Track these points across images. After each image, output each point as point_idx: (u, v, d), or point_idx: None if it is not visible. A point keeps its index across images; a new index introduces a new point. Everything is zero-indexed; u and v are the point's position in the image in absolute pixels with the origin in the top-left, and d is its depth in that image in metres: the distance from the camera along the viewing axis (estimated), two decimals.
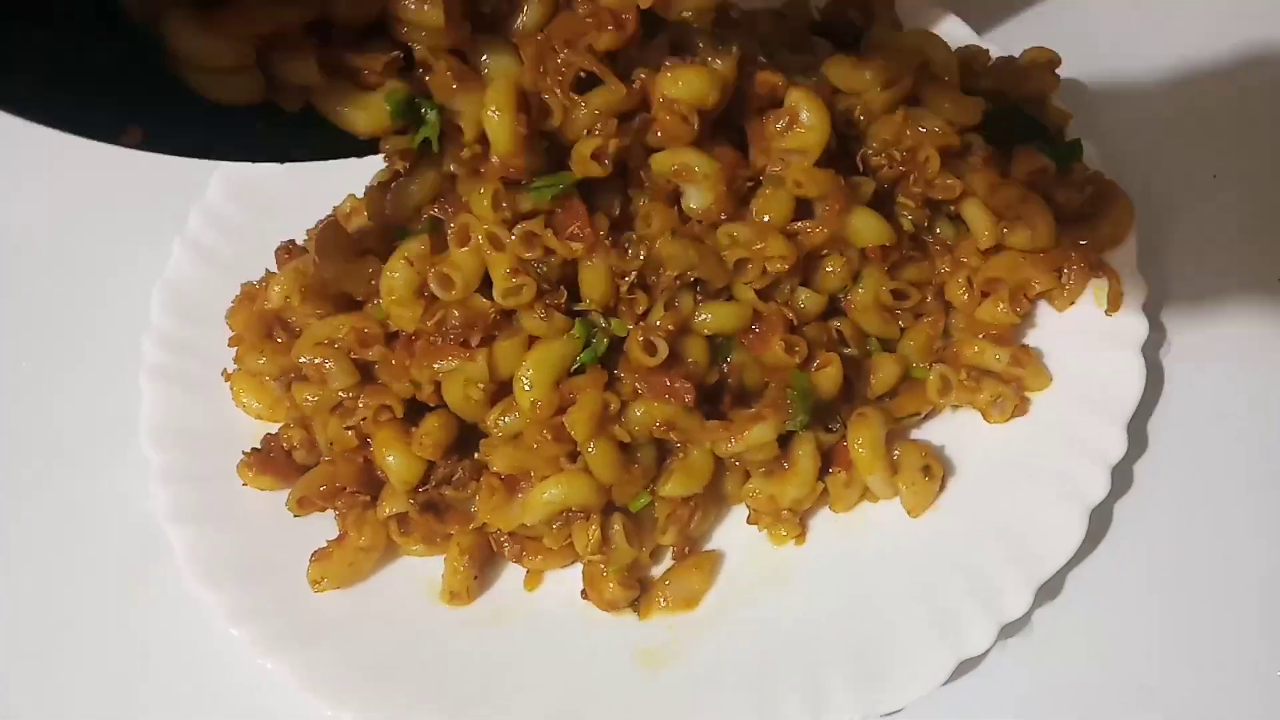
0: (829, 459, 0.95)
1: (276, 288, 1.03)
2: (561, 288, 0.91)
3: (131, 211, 1.30)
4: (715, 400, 0.94)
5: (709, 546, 0.98)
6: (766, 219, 0.91)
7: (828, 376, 0.92)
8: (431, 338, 0.92)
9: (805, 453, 0.93)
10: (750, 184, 0.92)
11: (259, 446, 1.03)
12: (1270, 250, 1.04)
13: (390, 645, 0.94)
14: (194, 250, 1.18)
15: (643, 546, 0.94)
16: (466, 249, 0.89)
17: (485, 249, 0.88)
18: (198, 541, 0.99)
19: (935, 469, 0.92)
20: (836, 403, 0.95)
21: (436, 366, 0.92)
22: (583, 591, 0.94)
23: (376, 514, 0.98)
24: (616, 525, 0.93)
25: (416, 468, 0.96)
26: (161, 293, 1.14)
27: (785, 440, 0.93)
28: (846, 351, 0.95)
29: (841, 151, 0.94)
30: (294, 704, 0.91)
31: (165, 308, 1.13)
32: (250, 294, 1.11)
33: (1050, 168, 0.96)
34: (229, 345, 1.08)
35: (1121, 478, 0.90)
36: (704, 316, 0.92)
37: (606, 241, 0.89)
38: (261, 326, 1.08)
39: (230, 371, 1.08)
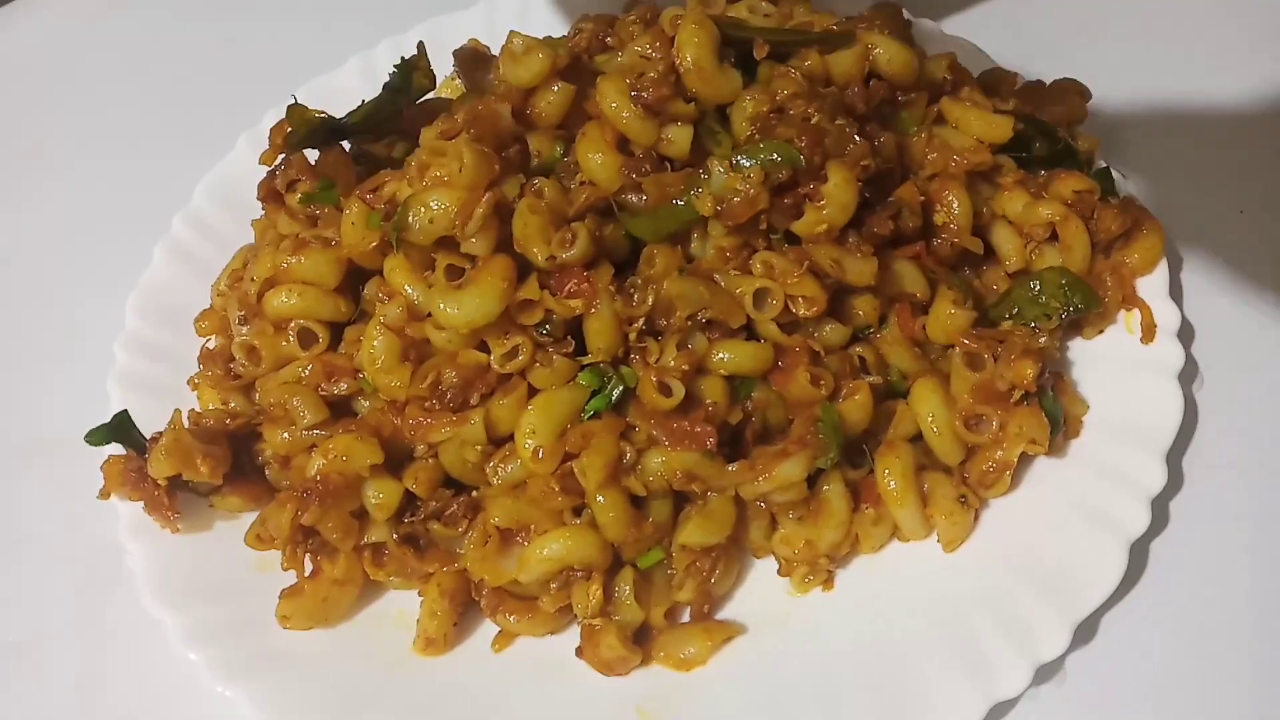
0: (855, 497, 0.88)
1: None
2: (569, 338, 0.87)
3: (112, 224, 1.30)
4: (734, 444, 0.88)
5: (731, 614, 0.89)
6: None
7: (857, 405, 0.87)
8: (427, 402, 0.88)
9: (835, 491, 0.87)
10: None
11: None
12: None
13: (359, 677, 0.87)
14: (174, 254, 1.15)
15: (654, 605, 0.87)
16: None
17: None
18: (157, 556, 0.93)
19: (972, 499, 0.86)
20: (860, 437, 0.89)
21: (430, 440, 0.89)
22: (578, 649, 0.86)
23: (354, 542, 0.90)
24: (624, 582, 0.86)
25: (395, 493, 0.89)
26: (138, 296, 1.11)
27: (811, 480, 0.87)
28: (870, 380, 0.89)
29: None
30: None
31: (141, 312, 1.10)
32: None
33: (1095, 189, 0.93)
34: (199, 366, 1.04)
35: (1158, 516, 0.86)
36: (721, 356, 0.87)
37: (611, 288, 0.86)
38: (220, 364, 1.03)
39: (196, 380, 1.03)
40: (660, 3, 1.12)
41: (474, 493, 0.91)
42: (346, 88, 1.24)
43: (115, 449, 0.97)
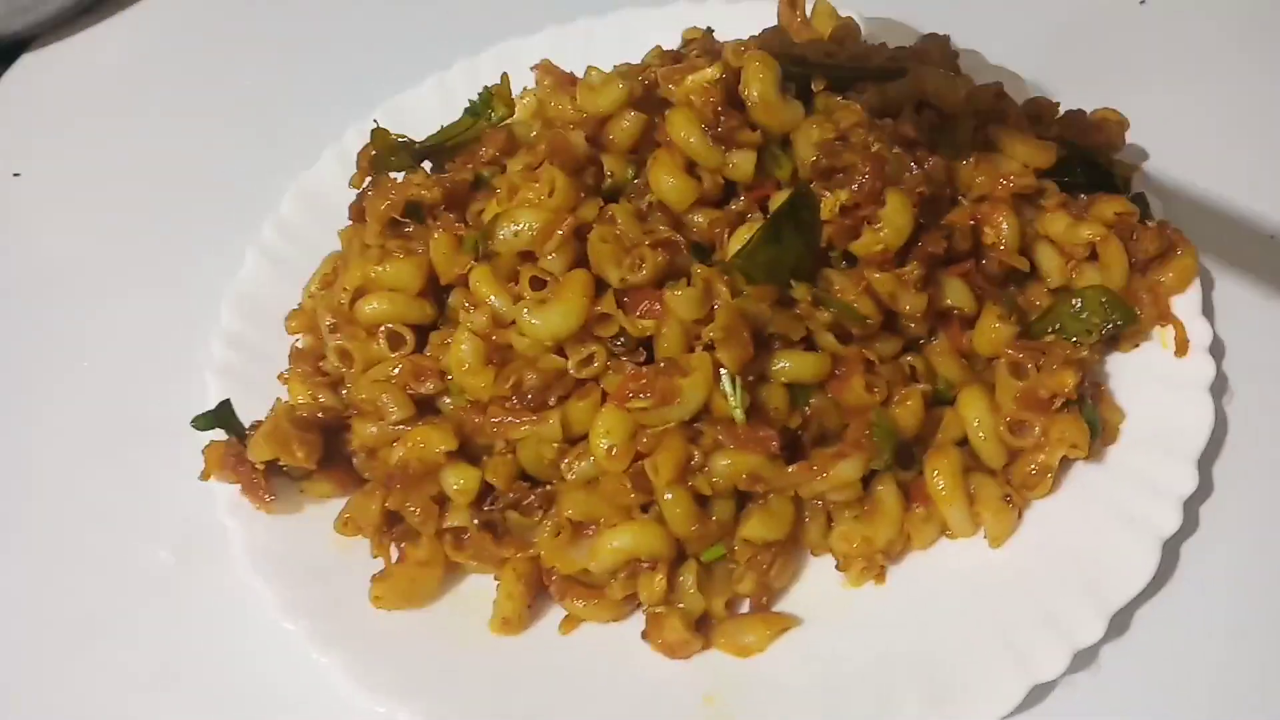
0: (906, 496, 0.94)
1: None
2: (640, 348, 0.93)
3: (203, 229, 1.38)
4: (793, 447, 0.93)
5: (787, 605, 0.94)
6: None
7: (909, 411, 0.93)
8: (508, 402, 0.94)
9: (888, 491, 0.92)
10: None
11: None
12: None
13: (440, 651, 0.93)
14: (265, 257, 1.22)
15: (715, 596, 0.92)
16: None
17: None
18: (254, 534, 0.99)
19: (1016, 498, 0.92)
20: (910, 440, 0.94)
21: (510, 437, 0.94)
22: (643, 632, 0.91)
23: (435, 526, 0.96)
24: (688, 573, 0.91)
25: (474, 479, 0.95)
26: (233, 295, 1.18)
27: (865, 481, 0.92)
28: (920, 387, 0.95)
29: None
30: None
31: (235, 310, 1.17)
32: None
33: (1135, 212, 0.99)
34: (288, 363, 1.11)
35: (1188, 518, 0.91)
36: (782, 365, 0.92)
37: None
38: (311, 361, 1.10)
39: (286, 375, 1.09)
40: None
41: (548, 486, 0.96)
42: (423, 106, 1.33)
43: (215, 435, 1.04)
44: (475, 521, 0.95)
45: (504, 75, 1.13)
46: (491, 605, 0.94)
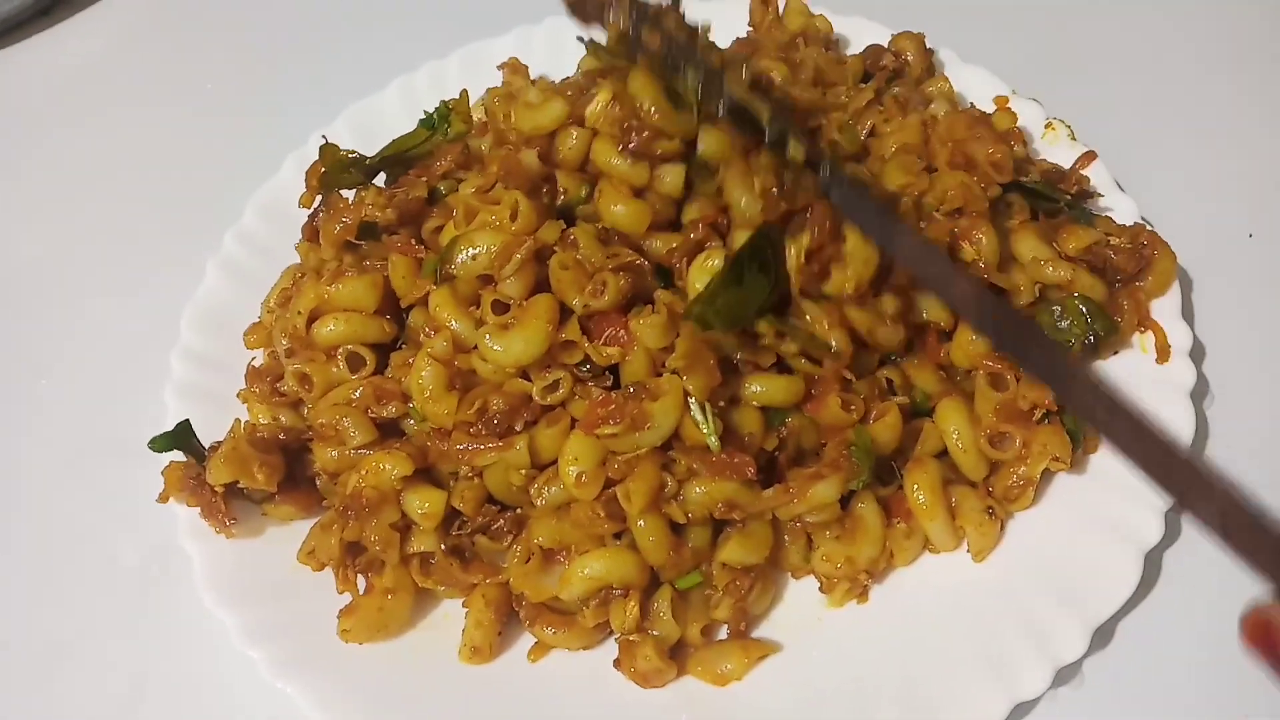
0: (887, 512, 0.92)
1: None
2: (607, 373, 0.90)
3: (164, 237, 1.34)
4: (769, 468, 0.91)
5: (766, 626, 0.92)
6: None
7: (887, 426, 0.90)
8: (472, 428, 0.91)
9: (868, 508, 0.90)
10: None
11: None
12: None
13: (407, 677, 0.90)
14: (227, 269, 1.19)
15: (691, 623, 0.89)
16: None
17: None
18: (214, 559, 0.96)
19: (999, 510, 0.90)
20: (889, 455, 0.92)
21: (476, 464, 0.91)
22: (616, 661, 0.89)
23: (398, 553, 0.94)
24: (662, 599, 0.88)
25: (439, 501, 0.92)
26: (193, 309, 1.15)
27: (843, 499, 0.90)
28: (897, 400, 0.93)
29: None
30: None
31: (195, 325, 1.14)
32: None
33: (1104, 241, 0.97)
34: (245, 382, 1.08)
35: (1169, 527, 0.89)
36: (754, 388, 0.90)
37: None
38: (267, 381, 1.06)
39: (245, 392, 1.07)
40: None
41: (518, 510, 0.94)
42: (388, 111, 1.29)
43: (175, 455, 1.01)
44: (442, 547, 0.93)
45: (463, 91, 1.10)
46: (460, 631, 0.92)
